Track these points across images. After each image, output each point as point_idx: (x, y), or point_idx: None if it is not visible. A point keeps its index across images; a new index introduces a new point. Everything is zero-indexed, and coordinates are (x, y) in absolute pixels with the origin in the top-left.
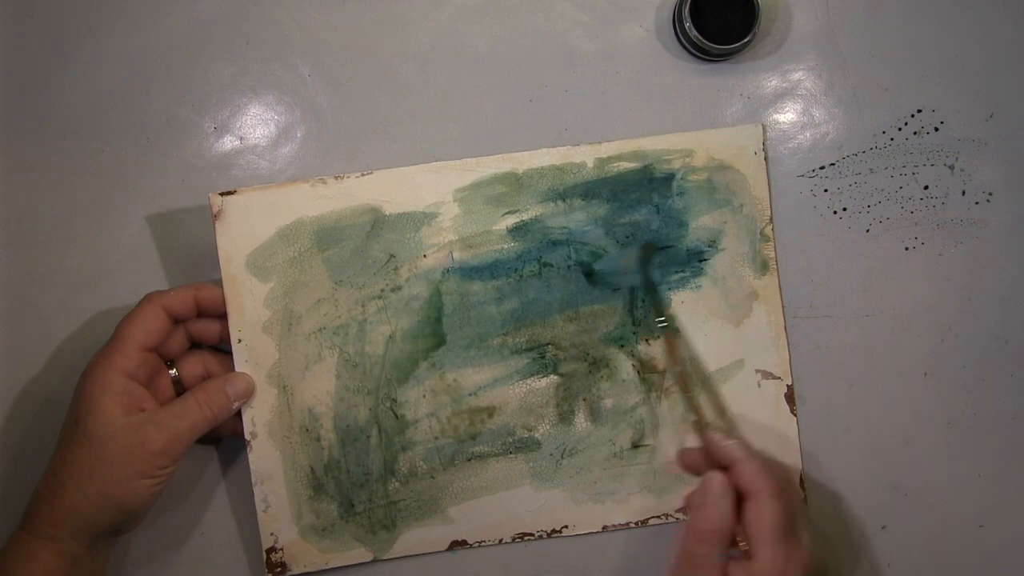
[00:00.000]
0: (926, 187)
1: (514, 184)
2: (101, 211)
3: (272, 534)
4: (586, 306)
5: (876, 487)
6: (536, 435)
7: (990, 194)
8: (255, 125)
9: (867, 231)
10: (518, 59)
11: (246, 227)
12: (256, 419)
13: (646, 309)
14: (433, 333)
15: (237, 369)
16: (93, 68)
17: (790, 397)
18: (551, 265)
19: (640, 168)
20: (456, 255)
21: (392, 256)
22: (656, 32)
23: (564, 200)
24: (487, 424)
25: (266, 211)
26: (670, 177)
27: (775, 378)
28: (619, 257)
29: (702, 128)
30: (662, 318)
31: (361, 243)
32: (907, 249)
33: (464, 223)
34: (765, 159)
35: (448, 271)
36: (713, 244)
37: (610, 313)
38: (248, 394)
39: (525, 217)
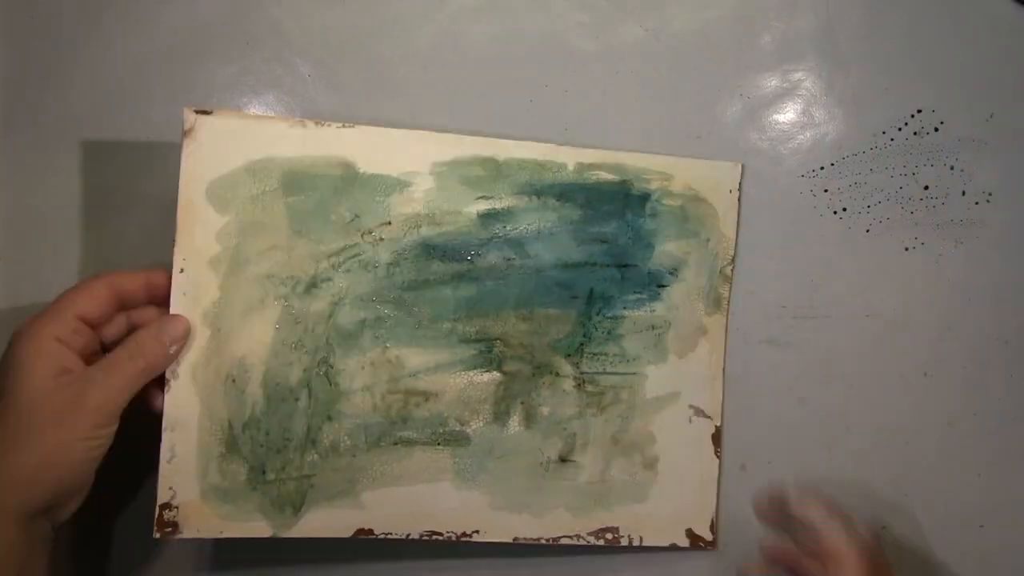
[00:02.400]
0: (926, 187)
1: (493, 170)
2: (101, 211)
3: (171, 488)
4: (541, 308)
5: (876, 487)
6: (468, 430)
7: (990, 194)
8: None
9: (867, 231)
10: (518, 59)
11: (215, 152)
12: (180, 359)
13: (600, 323)
14: (384, 303)
15: (173, 302)
16: (93, 68)
17: (716, 438)
18: (514, 259)
19: (618, 182)
20: (422, 229)
21: (357, 216)
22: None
23: (539, 197)
24: (420, 409)
25: (239, 140)
26: (646, 197)
27: (706, 417)
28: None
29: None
30: None
31: (328, 196)
32: (907, 249)
33: (436, 198)
34: (739, 200)
35: (411, 244)
36: (674, 272)
37: (563, 320)
38: (184, 337)
39: (498, 206)
